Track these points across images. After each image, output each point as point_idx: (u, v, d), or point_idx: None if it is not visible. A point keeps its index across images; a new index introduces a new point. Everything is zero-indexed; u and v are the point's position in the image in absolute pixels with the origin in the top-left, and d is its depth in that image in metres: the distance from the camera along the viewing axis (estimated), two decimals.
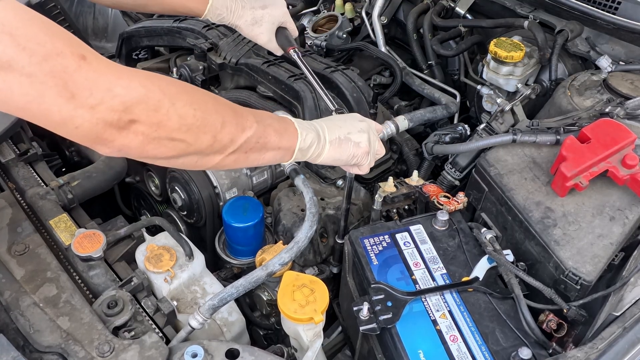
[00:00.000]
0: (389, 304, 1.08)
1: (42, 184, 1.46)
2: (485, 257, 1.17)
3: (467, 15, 1.91)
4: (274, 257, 1.14)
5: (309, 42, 2.02)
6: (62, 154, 1.86)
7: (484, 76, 1.69)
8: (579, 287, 1.08)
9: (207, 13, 1.39)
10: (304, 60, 1.40)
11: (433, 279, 1.16)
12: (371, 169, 1.59)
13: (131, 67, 0.81)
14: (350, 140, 1.09)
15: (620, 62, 1.56)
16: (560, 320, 1.09)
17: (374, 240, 1.23)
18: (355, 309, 1.08)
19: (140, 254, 1.26)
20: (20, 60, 0.67)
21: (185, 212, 1.56)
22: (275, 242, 1.40)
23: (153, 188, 1.71)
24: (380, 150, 1.18)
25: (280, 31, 1.47)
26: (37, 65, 0.68)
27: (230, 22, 1.43)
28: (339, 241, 1.40)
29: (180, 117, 0.82)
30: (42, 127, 0.76)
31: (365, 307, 1.07)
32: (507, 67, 1.61)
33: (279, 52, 1.49)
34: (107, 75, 0.75)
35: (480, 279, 1.14)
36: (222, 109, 0.91)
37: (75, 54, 0.72)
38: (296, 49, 1.43)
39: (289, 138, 1.01)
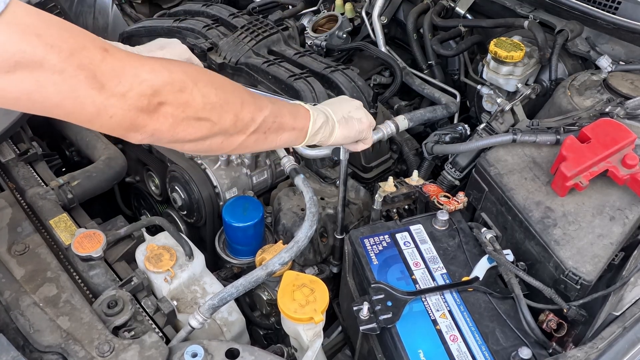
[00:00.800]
0: (389, 303, 1.08)
1: (42, 183, 1.46)
2: (485, 257, 1.17)
3: (467, 15, 1.91)
4: (274, 256, 1.14)
5: (309, 42, 2.02)
6: (62, 154, 1.86)
7: (484, 76, 1.69)
8: (579, 287, 1.08)
9: None
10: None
11: (433, 278, 1.16)
12: (371, 169, 1.61)
13: (149, 56, 0.85)
14: (353, 118, 1.14)
15: (620, 62, 1.55)
16: (560, 320, 1.09)
17: (374, 240, 1.23)
18: (355, 308, 1.08)
19: (140, 254, 1.26)
20: (51, 59, 0.69)
21: (185, 212, 1.56)
22: (275, 242, 1.40)
23: (153, 188, 1.71)
24: (373, 121, 1.23)
25: None
26: (66, 61, 0.70)
27: None
28: (338, 237, 1.40)
29: (204, 96, 0.85)
30: (42, 127, 0.76)
31: (365, 307, 1.07)
32: (507, 67, 1.61)
33: None
34: (131, 63, 0.77)
35: (480, 279, 1.14)
36: (239, 90, 0.94)
37: (97, 46, 0.74)
38: None
39: (302, 119, 1.05)
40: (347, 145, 1.23)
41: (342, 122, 1.12)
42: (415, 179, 1.41)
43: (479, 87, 1.77)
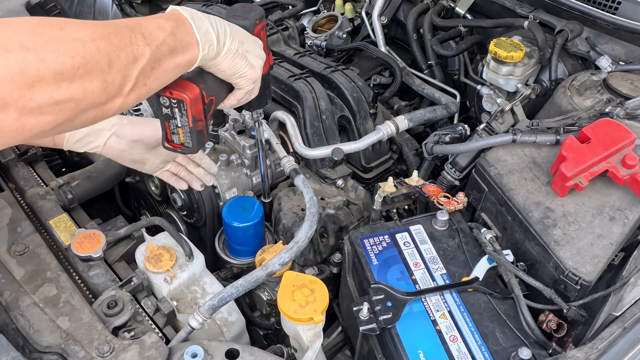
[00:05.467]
0: (389, 304, 1.08)
1: (42, 184, 1.46)
2: (485, 257, 1.17)
3: (467, 15, 1.91)
4: (273, 257, 1.14)
5: (309, 42, 2.02)
6: (62, 154, 1.86)
7: (484, 76, 1.69)
8: (578, 287, 1.08)
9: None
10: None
11: (433, 279, 1.16)
12: (371, 169, 1.61)
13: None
14: (245, 58, 0.96)
15: (620, 62, 1.56)
16: (560, 320, 1.09)
17: (374, 240, 1.23)
18: (355, 309, 1.08)
19: (140, 254, 1.26)
20: None
21: (185, 212, 1.56)
22: (275, 242, 1.40)
23: (153, 188, 1.71)
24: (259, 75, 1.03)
25: None
26: None
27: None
28: (265, 200, 1.45)
29: (56, 72, 0.66)
30: None
31: (365, 307, 1.07)
32: (507, 67, 1.61)
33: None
34: None
35: (480, 279, 1.14)
36: (104, 43, 0.73)
37: None
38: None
39: (188, 52, 0.86)
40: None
41: (229, 55, 0.93)
42: (415, 179, 1.41)
43: (479, 87, 1.77)
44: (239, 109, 1.41)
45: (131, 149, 1.24)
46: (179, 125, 0.97)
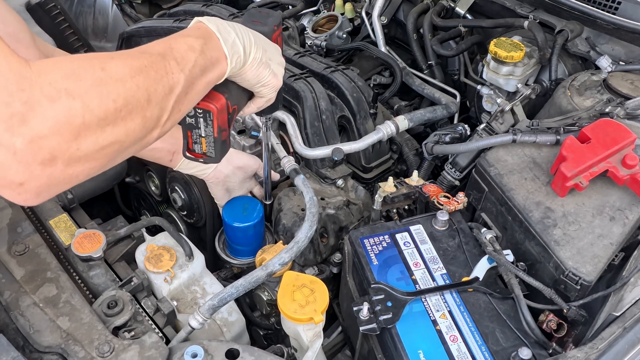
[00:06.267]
0: (389, 304, 1.08)
1: None
2: (485, 257, 1.17)
3: (467, 15, 1.91)
4: (274, 257, 1.14)
5: (309, 42, 2.02)
6: None
7: (484, 76, 1.69)
8: (579, 287, 1.08)
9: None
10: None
11: (433, 279, 1.16)
12: (371, 169, 1.61)
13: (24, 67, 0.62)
14: (269, 67, 0.97)
15: (620, 62, 1.56)
16: (560, 320, 1.09)
17: (374, 240, 1.23)
18: (355, 309, 1.08)
19: (140, 254, 1.26)
20: None
21: (185, 212, 1.56)
22: (275, 242, 1.40)
23: (153, 188, 1.71)
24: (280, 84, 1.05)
25: None
26: None
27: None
28: (266, 202, 1.44)
29: (101, 118, 0.66)
30: None
31: (365, 307, 1.07)
32: (507, 67, 1.61)
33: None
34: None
35: (480, 279, 1.14)
36: (142, 78, 0.72)
37: None
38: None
39: (217, 68, 0.87)
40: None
41: (254, 64, 0.94)
42: (415, 179, 1.41)
43: (479, 87, 1.77)
44: None
45: (233, 175, 1.37)
46: (203, 135, 0.96)
